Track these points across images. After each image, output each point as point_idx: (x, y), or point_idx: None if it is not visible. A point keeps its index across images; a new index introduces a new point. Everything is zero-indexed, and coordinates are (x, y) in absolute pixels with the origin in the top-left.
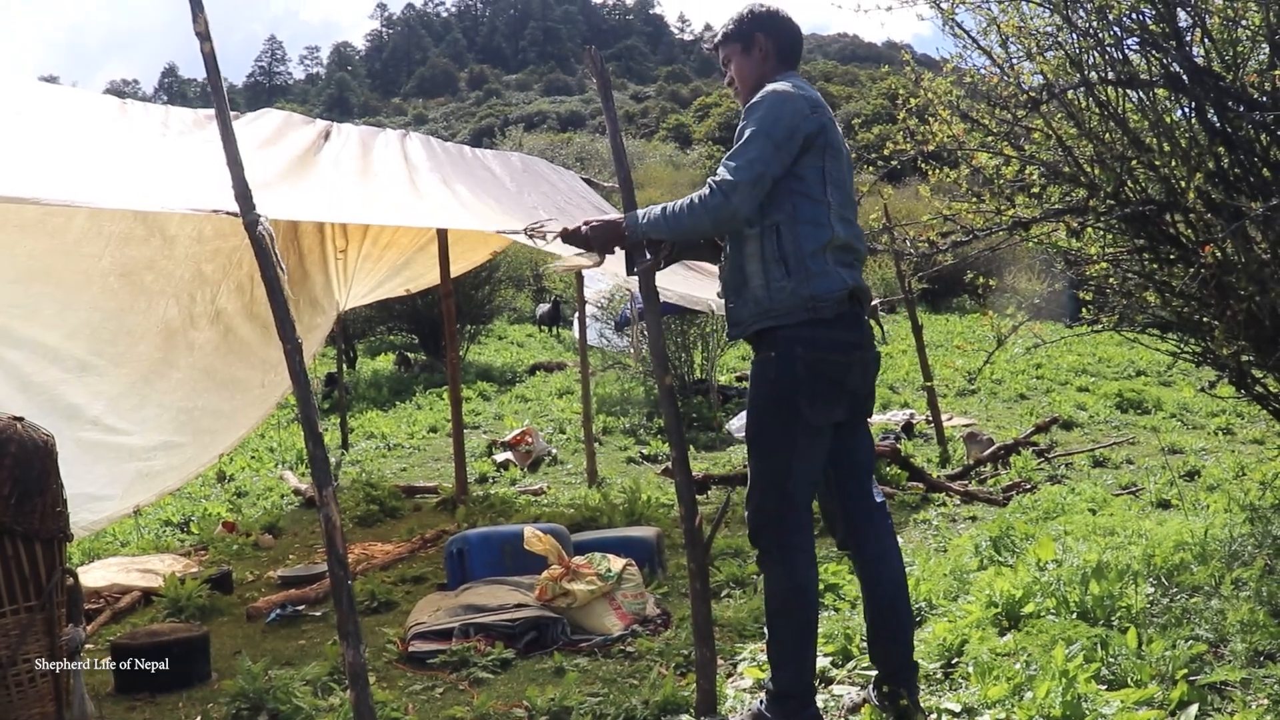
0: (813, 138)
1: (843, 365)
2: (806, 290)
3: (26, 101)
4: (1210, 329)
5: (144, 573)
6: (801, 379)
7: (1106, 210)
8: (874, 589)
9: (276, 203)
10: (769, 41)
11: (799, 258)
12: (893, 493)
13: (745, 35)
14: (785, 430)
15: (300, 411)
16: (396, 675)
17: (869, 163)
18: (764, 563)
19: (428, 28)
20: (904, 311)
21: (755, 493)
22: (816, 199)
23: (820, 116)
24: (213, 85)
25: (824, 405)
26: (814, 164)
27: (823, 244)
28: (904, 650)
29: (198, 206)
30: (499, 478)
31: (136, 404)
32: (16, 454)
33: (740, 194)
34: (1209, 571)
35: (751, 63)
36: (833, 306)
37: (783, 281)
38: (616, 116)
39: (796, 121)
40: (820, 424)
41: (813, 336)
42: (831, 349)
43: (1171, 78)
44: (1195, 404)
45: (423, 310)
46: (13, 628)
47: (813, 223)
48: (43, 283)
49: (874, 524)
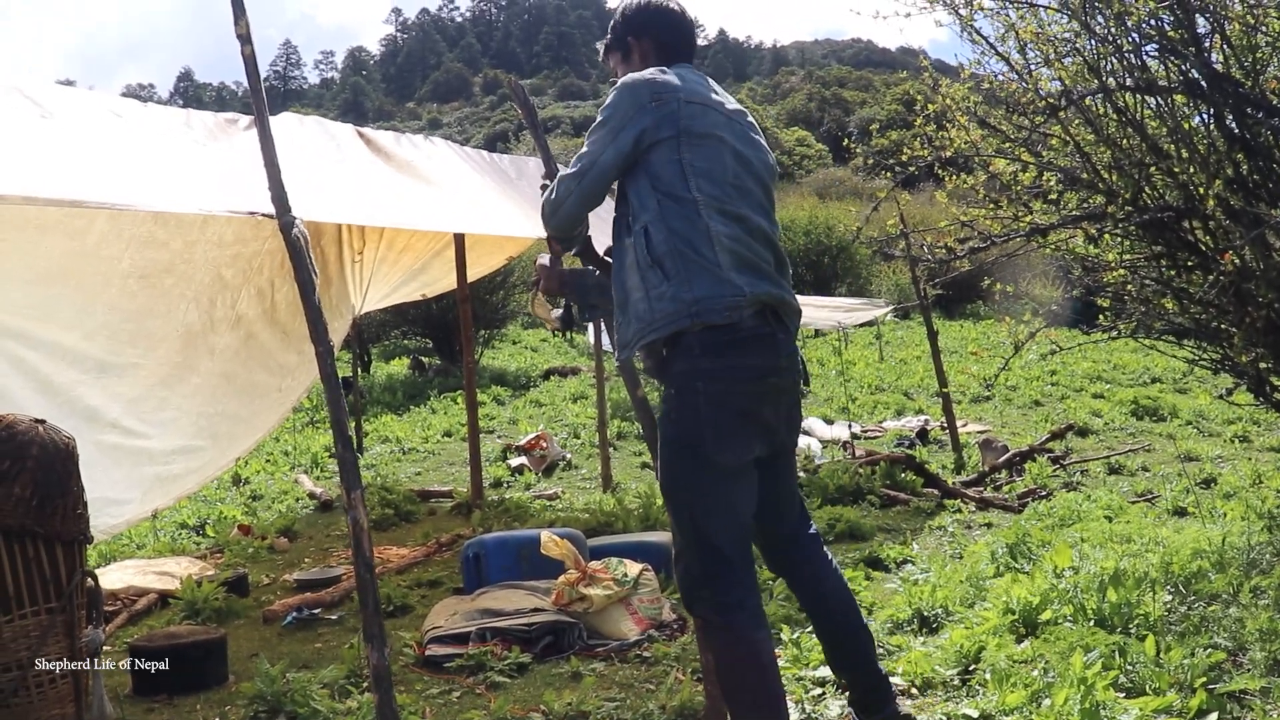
0: (655, 129)
1: (753, 395)
2: (688, 293)
3: (54, 105)
4: (1229, 336)
5: (160, 575)
6: (705, 417)
7: (1124, 217)
8: (820, 614)
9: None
10: (645, 42)
11: (675, 257)
12: (908, 499)
13: (620, 42)
14: (697, 477)
15: (330, 414)
16: (413, 679)
17: (886, 168)
18: (705, 632)
19: (442, 32)
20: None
21: (681, 553)
22: (680, 195)
23: (665, 105)
24: (252, 88)
25: (734, 444)
26: (669, 157)
27: (700, 240)
28: (869, 669)
29: (235, 208)
30: (514, 482)
31: (155, 407)
32: (39, 456)
33: (562, 186)
34: (1227, 579)
35: (634, 69)
36: (722, 314)
37: (661, 286)
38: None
39: (631, 112)
40: (734, 465)
41: (711, 368)
42: (737, 377)
43: (1190, 84)
44: (1211, 411)
45: (437, 314)
46: (33, 629)
47: (683, 219)
48: (62, 284)
49: (804, 554)
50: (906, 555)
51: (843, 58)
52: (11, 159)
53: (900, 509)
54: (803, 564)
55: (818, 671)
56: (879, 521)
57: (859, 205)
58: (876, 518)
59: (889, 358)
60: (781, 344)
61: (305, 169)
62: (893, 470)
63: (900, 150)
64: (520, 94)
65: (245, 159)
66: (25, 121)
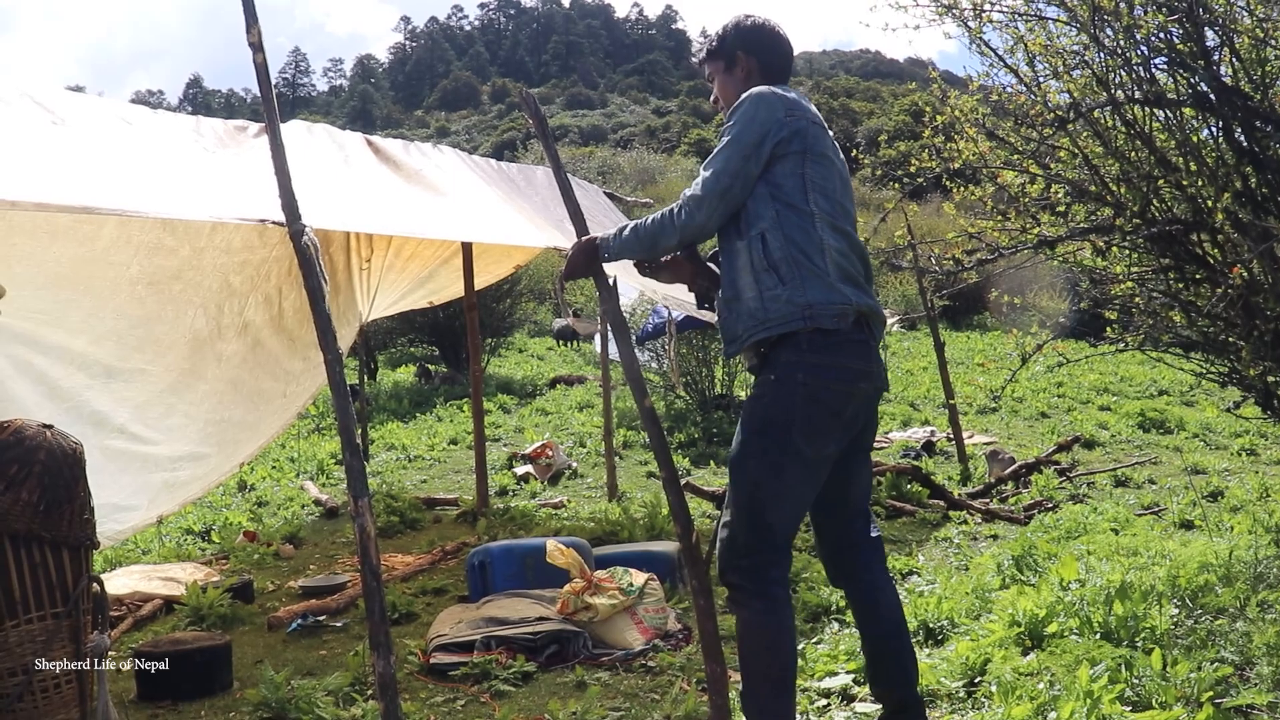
0: (786, 143)
1: (844, 395)
2: (802, 297)
3: (65, 111)
4: (1237, 349)
5: (166, 581)
6: (799, 407)
7: (1132, 229)
8: (869, 626)
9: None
10: (751, 60)
11: (791, 263)
12: (914, 510)
13: (728, 53)
14: (774, 459)
15: (339, 422)
16: (418, 687)
17: (894, 179)
18: (735, 602)
19: (451, 41)
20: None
21: (730, 522)
22: (799, 207)
23: (797, 121)
24: (264, 96)
25: (820, 437)
26: (793, 170)
27: (814, 250)
28: (907, 688)
29: (245, 216)
30: (519, 490)
31: (162, 413)
32: (46, 461)
33: (706, 207)
34: (1234, 593)
35: (734, 82)
36: (832, 319)
37: (776, 289)
38: (558, 155)
39: (769, 126)
40: (813, 456)
41: (816, 363)
42: (835, 377)
43: (1199, 97)
44: (1218, 424)
45: (444, 322)
46: (39, 633)
47: (800, 230)
48: (71, 289)
49: (864, 559)
50: (912, 566)
51: (850, 68)
52: (24, 165)
53: (906, 520)
54: (862, 573)
55: (823, 683)
56: (884, 532)
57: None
58: (882, 529)
59: (895, 368)
60: (873, 350)
61: (314, 177)
62: (899, 481)
63: (908, 161)
64: (531, 104)
65: (254, 166)
66: (37, 128)
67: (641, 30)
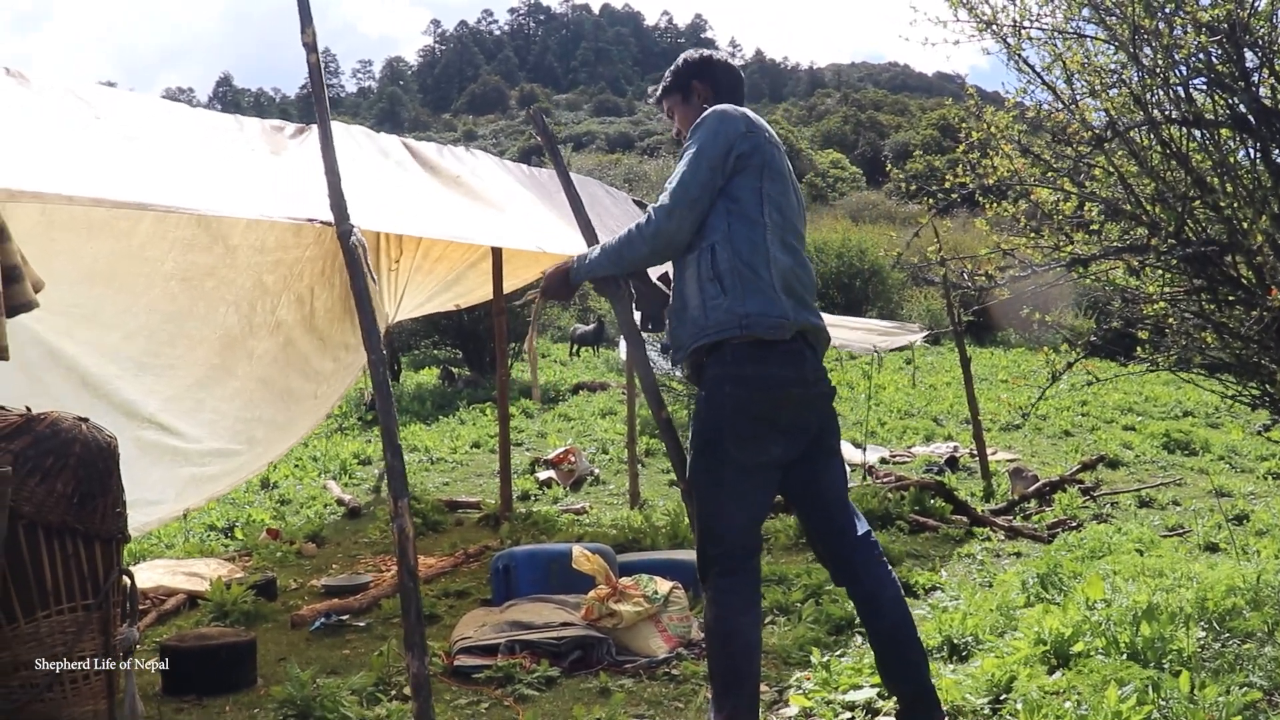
0: (747, 156)
1: (773, 402)
2: (741, 307)
3: (105, 107)
4: (1270, 372)
5: (190, 576)
6: (726, 419)
7: (1167, 250)
8: (874, 622)
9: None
10: (706, 86)
11: (735, 275)
12: (937, 525)
13: (683, 85)
14: (715, 474)
15: (381, 423)
16: (441, 689)
17: (927, 193)
18: (705, 603)
19: (480, 45)
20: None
21: (696, 537)
22: (753, 219)
23: (756, 137)
24: (316, 96)
25: (753, 445)
26: (750, 184)
27: (760, 263)
28: (916, 680)
29: (294, 215)
30: (541, 495)
31: (192, 408)
32: (81, 454)
33: (676, 216)
34: (1262, 618)
35: (692, 109)
36: (768, 330)
37: (718, 299)
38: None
39: (732, 139)
40: (750, 464)
41: (739, 375)
42: (761, 386)
43: (1238, 118)
44: (1244, 447)
45: (468, 325)
46: (69, 625)
47: (749, 243)
48: (105, 284)
49: (861, 556)
50: (935, 582)
51: (879, 81)
52: (71, 160)
53: (929, 535)
54: (864, 574)
55: (847, 695)
56: (907, 547)
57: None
58: (905, 543)
59: (919, 383)
60: (808, 360)
61: (353, 177)
62: (922, 496)
63: (938, 175)
64: (540, 122)
65: (297, 165)
66: (81, 123)
67: (670, 38)
